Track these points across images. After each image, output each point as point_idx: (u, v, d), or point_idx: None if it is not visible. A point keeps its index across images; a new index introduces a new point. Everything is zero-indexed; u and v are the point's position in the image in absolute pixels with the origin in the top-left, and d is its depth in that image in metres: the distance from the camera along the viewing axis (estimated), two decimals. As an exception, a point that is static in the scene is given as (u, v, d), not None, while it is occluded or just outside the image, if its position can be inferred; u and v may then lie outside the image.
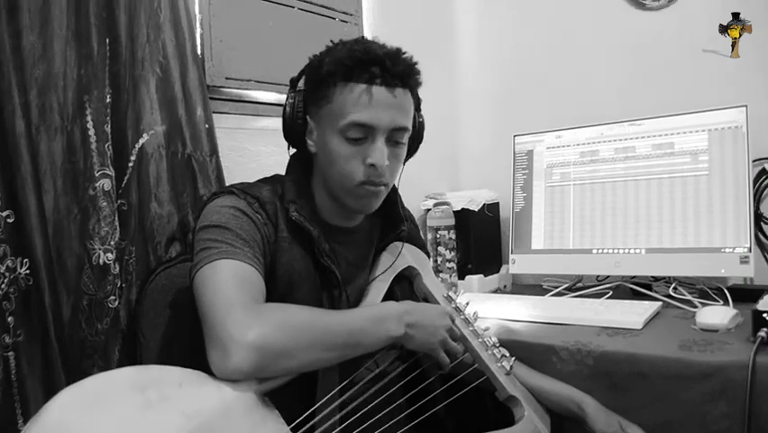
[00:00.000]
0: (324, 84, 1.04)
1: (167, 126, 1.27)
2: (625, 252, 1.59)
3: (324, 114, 1.05)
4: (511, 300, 1.61)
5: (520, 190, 1.79)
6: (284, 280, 1.04)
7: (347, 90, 1.02)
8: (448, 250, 1.82)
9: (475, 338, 1.19)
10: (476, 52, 2.20)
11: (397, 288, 1.20)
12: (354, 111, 1.02)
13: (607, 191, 1.64)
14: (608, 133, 1.66)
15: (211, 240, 0.98)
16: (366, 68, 1.01)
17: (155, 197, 1.26)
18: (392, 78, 1.03)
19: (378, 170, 1.04)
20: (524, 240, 1.76)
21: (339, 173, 1.05)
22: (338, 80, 1.02)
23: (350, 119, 1.02)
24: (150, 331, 1.20)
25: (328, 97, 1.04)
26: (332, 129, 1.04)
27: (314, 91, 1.07)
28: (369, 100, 1.01)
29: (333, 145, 1.04)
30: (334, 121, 1.03)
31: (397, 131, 1.06)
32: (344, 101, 1.02)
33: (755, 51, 1.65)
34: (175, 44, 1.28)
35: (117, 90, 1.19)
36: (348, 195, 1.07)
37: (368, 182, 1.05)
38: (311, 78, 1.08)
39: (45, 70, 1.09)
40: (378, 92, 1.02)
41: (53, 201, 1.11)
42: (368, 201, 1.09)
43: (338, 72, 1.02)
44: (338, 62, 1.02)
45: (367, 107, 1.02)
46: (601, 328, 1.31)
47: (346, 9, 1.76)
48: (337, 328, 0.94)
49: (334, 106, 1.03)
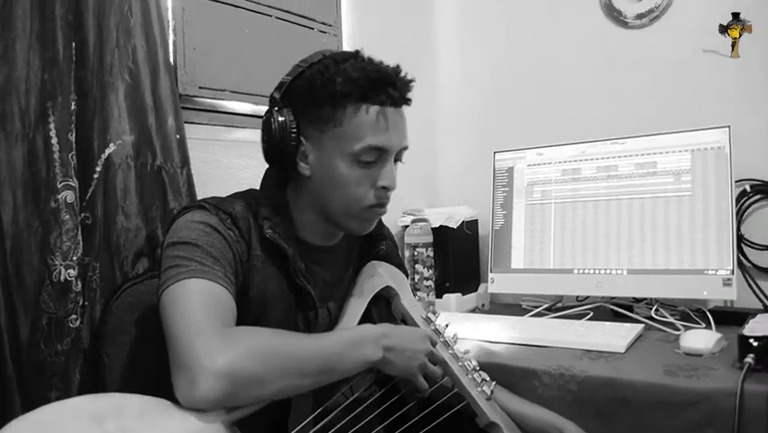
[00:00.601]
0: (331, 104, 0.98)
1: (136, 136, 1.21)
2: (606, 272, 1.56)
3: (330, 137, 1.00)
4: (490, 321, 1.57)
5: (500, 208, 1.76)
6: (257, 301, 0.99)
7: (361, 112, 0.98)
8: (426, 268, 1.78)
9: (455, 362, 1.14)
10: (457, 66, 2.18)
11: (374, 309, 1.16)
12: (370, 134, 0.98)
13: (588, 210, 1.62)
14: (590, 152, 1.64)
15: (179, 257, 0.93)
16: (381, 89, 0.98)
17: (122, 210, 1.20)
18: (401, 98, 1.01)
19: (389, 192, 1.03)
20: (503, 259, 1.73)
21: (347, 198, 1.01)
22: (350, 102, 0.98)
23: (366, 143, 0.98)
24: (114, 351, 1.14)
25: (336, 119, 0.98)
26: (341, 153, 0.99)
27: (315, 111, 1.00)
28: (385, 123, 0.99)
29: (342, 170, 1.00)
30: (346, 144, 0.99)
31: (402, 150, 1.05)
32: (359, 124, 0.98)
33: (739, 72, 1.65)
34: (146, 50, 1.22)
35: (83, 97, 1.13)
36: (352, 218, 1.04)
37: (377, 205, 1.03)
38: (310, 97, 1.00)
39: (6, 74, 1.03)
40: (390, 114, 1.00)
41: (12, 213, 1.04)
42: (369, 224, 1.08)
43: (352, 94, 0.97)
44: (353, 83, 0.97)
45: (383, 131, 0.99)
46: (583, 351, 1.28)
47: (325, 20, 1.72)
48: (312, 353, 0.89)
49: (345, 130, 0.98)
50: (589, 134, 1.66)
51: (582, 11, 1.89)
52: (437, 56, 2.20)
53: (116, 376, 1.12)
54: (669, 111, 1.72)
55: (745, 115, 1.57)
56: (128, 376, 1.12)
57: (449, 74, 2.19)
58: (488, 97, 2.10)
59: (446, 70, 2.19)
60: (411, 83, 1.04)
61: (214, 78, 1.43)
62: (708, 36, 1.68)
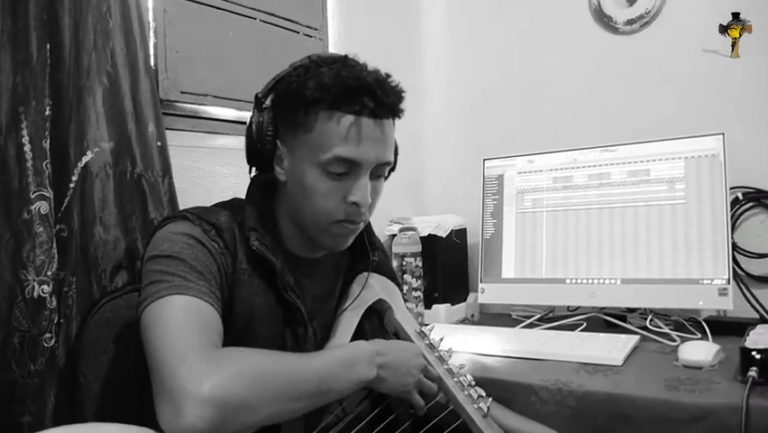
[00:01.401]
0: (304, 110, 0.93)
1: (114, 143, 1.16)
2: (600, 282, 1.53)
3: (301, 142, 0.95)
4: (482, 332, 1.53)
5: (490, 216, 1.73)
6: (243, 317, 0.94)
7: (333, 121, 0.92)
8: (414, 278, 1.74)
9: (450, 377, 1.10)
10: (445, 72, 2.15)
11: (366, 323, 1.11)
12: (340, 145, 0.91)
13: (581, 219, 1.59)
14: (581, 159, 1.61)
15: (161, 272, 0.87)
16: (356, 98, 0.91)
17: (100, 220, 1.14)
18: (381, 108, 0.93)
19: (360, 208, 0.95)
20: (493, 268, 1.69)
21: (314, 209, 0.96)
22: (322, 108, 0.92)
23: (334, 153, 0.92)
24: (91, 371, 1.08)
25: (307, 125, 0.93)
26: (310, 161, 0.94)
27: (289, 115, 0.95)
28: (357, 134, 0.92)
29: (311, 179, 0.94)
30: (314, 152, 0.93)
31: (382, 165, 0.98)
32: (328, 132, 0.92)
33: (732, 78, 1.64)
34: (125, 53, 1.17)
35: (59, 101, 1.07)
36: (321, 232, 0.98)
37: (347, 220, 0.97)
38: (286, 100, 0.96)
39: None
40: (366, 125, 0.92)
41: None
42: (342, 240, 1.01)
43: (323, 100, 0.91)
44: (324, 89, 0.91)
45: (354, 142, 0.92)
46: (580, 365, 1.25)
47: (311, 23, 1.67)
48: (305, 375, 0.84)
49: (315, 136, 0.93)
50: (581, 142, 1.64)
51: (572, 16, 1.87)
52: (425, 60, 2.17)
53: (94, 398, 1.06)
54: (661, 118, 1.70)
55: (738, 123, 1.56)
56: (106, 398, 1.07)
57: (437, 79, 2.15)
58: (477, 103, 2.07)
59: (434, 75, 2.16)
60: (400, 93, 0.97)
61: (196, 82, 1.38)
62: (700, 42, 1.67)
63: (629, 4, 1.77)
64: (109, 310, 1.11)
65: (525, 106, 1.96)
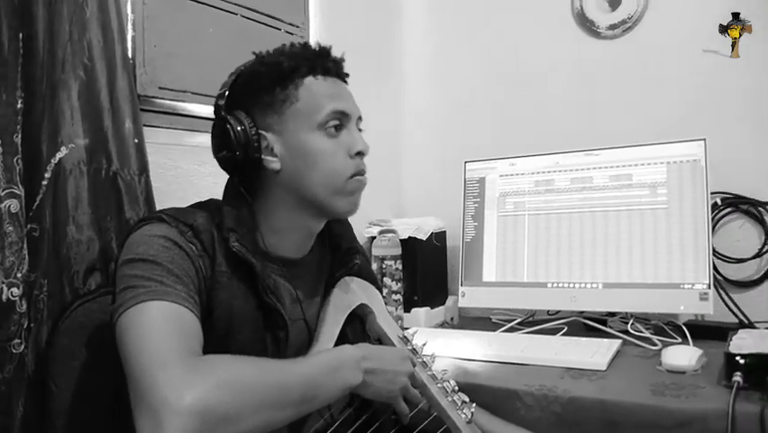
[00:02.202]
0: (281, 86, 0.96)
1: (90, 139, 1.11)
2: (581, 286, 1.53)
3: (290, 116, 0.96)
4: (463, 337, 1.51)
5: (471, 219, 1.71)
6: (222, 321, 0.90)
7: (315, 84, 0.97)
8: (394, 281, 1.72)
9: (433, 383, 1.08)
10: (426, 72, 2.13)
11: (348, 328, 1.09)
12: (329, 101, 0.96)
13: (563, 222, 1.58)
14: (564, 163, 1.61)
15: (137, 277, 0.83)
16: (325, 59, 0.99)
17: (73, 220, 1.09)
18: (340, 70, 1.01)
19: (364, 157, 1.00)
20: (474, 272, 1.68)
21: (326, 173, 0.97)
22: (300, 76, 0.96)
23: (330, 108, 0.96)
24: (63, 378, 1.03)
25: (292, 97, 0.96)
26: (308, 127, 0.96)
27: (266, 98, 0.97)
28: (336, 89, 0.99)
29: (314, 143, 0.96)
30: (310, 118, 0.96)
31: (359, 120, 1.03)
32: (316, 94, 0.96)
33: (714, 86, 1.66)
34: (102, 46, 1.12)
35: (32, 95, 1.02)
36: (337, 195, 0.98)
37: (357, 173, 0.99)
38: (257, 86, 0.97)
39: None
40: (337, 83, 1.00)
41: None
42: (358, 197, 1.03)
43: (300, 67, 0.96)
44: (298, 56, 0.97)
45: (338, 96, 0.98)
46: (564, 369, 1.24)
47: (292, 20, 1.64)
48: (291, 382, 0.81)
49: (304, 103, 0.96)
50: (563, 145, 1.64)
51: (555, 20, 1.87)
52: (406, 60, 2.15)
53: (65, 407, 1.01)
54: (643, 122, 1.71)
55: (718, 128, 1.57)
56: (79, 407, 1.02)
57: (418, 79, 2.14)
58: (458, 105, 2.06)
59: (415, 75, 2.14)
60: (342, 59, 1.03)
61: (175, 78, 1.33)
62: (682, 47, 1.68)
63: (612, 9, 1.77)
64: (81, 314, 1.06)
65: (508, 109, 1.95)
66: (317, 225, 1.04)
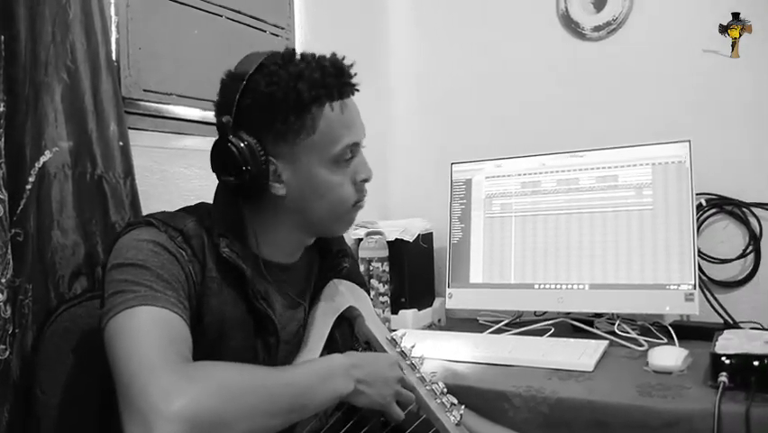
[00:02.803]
0: (297, 114, 0.90)
1: (74, 142, 1.09)
2: (568, 287, 1.54)
3: (304, 148, 0.92)
4: (451, 338, 1.52)
5: (458, 221, 1.72)
6: (213, 328, 0.90)
7: (332, 114, 0.92)
8: (381, 283, 1.71)
9: (422, 386, 1.08)
10: (411, 73, 2.12)
11: (337, 331, 1.09)
12: (346, 133, 0.94)
13: (549, 224, 1.59)
14: (550, 164, 1.61)
15: (126, 281, 0.82)
16: (341, 84, 0.93)
17: (58, 224, 1.07)
18: (354, 87, 0.96)
19: (368, 183, 1.00)
20: (461, 273, 1.68)
21: (332, 203, 0.96)
22: (317, 105, 0.91)
23: (346, 142, 0.94)
24: (49, 384, 1.02)
25: (309, 129, 0.91)
26: (320, 161, 0.93)
27: (279, 126, 0.90)
28: (352, 116, 0.95)
29: (324, 177, 0.94)
30: (325, 150, 0.93)
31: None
32: (333, 126, 0.92)
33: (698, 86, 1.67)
34: (86, 48, 1.11)
35: (14, 98, 1.00)
36: (338, 221, 1.00)
37: (360, 199, 1.00)
38: (273, 111, 0.90)
39: None
40: (351, 105, 0.96)
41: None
42: (353, 222, 1.04)
43: (320, 97, 0.91)
44: (318, 85, 0.90)
45: (353, 123, 0.96)
46: (551, 371, 1.25)
47: (277, 22, 1.62)
48: (282, 390, 0.81)
49: (321, 136, 0.92)
50: (550, 147, 1.64)
51: (540, 21, 1.87)
52: (391, 62, 2.14)
53: (52, 414, 1.00)
54: (628, 124, 1.72)
55: (703, 129, 1.58)
56: (65, 414, 1.01)
57: (404, 81, 2.13)
58: (444, 106, 2.06)
59: (401, 77, 2.13)
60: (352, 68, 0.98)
61: (160, 80, 1.32)
62: (666, 48, 1.69)
63: (597, 11, 1.78)
64: (67, 319, 1.05)
65: (494, 110, 1.95)
66: (311, 239, 1.05)
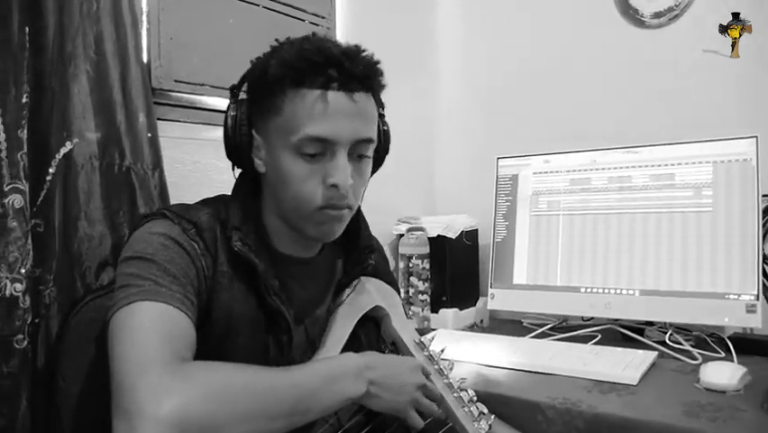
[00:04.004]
0: (270, 92, 0.87)
1: (102, 134, 1.10)
2: (617, 292, 1.44)
3: (273, 127, 0.88)
4: (489, 341, 1.45)
5: (502, 218, 1.64)
6: (221, 324, 0.87)
7: (298, 98, 0.85)
8: (421, 281, 1.66)
9: (450, 392, 1.03)
10: (459, 64, 2.06)
11: (361, 331, 1.04)
12: (308, 123, 0.85)
13: (599, 224, 1.50)
14: (601, 160, 1.52)
15: (132, 275, 0.81)
16: (321, 71, 0.84)
17: (85, 215, 1.08)
18: (351, 80, 0.86)
19: (340, 190, 0.87)
20: (504, 273, 1.61)
21: (294, 196, 0.89)
22: (287, 87, 0.86)
23: (304, 133, 0.85)
24: (71, 373, 1.02)
25: (276, 108, 0.87)
26: (283, 145, 0.87)
27: (259, 101, 0.90)
28: (325, 109, 0.85)
29: (286, 164, 0.87)
30: (286, 136, 0.87)
31: (361, 143, 0.90)
32: (297, 111, 0.85)
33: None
34: (115, 39, 1.11)
35: (40, 90, 1.01)
36: (306, 221, 0.91)
37: (328, 206, 0.89)
38: (256, 86, 0.91)
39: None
40: (335, 99, 0.85)
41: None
42: (329, 228, 0.93)
43: (287, 77, 0.85)
44: (286, 65, 0.85)
45: (323, 118, 0.85)
46: (592, 382, 1.17)
47: (317, 11, 1.59)
48: (282, 391, 0.77)
49: (284, 119, 0.86)
50: (602, 142, 1.55)
51: (595, 9, 1.77)
52: (438, 52, 2.08)
53: (72, 403, 1.01)
54: (689, 118, 1.60)
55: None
56: (85, 403, 1.01)
57: (450, 72, 2.07)
58: (492, 99, 1.98)
59: (447, 68, 2.07)
60: (372, 63, 0.90)
61: (192, 71, 1.30)
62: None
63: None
64: (92, 309, 1.05)
65: (543, 103, 1.86)
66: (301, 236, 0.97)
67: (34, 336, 1.00)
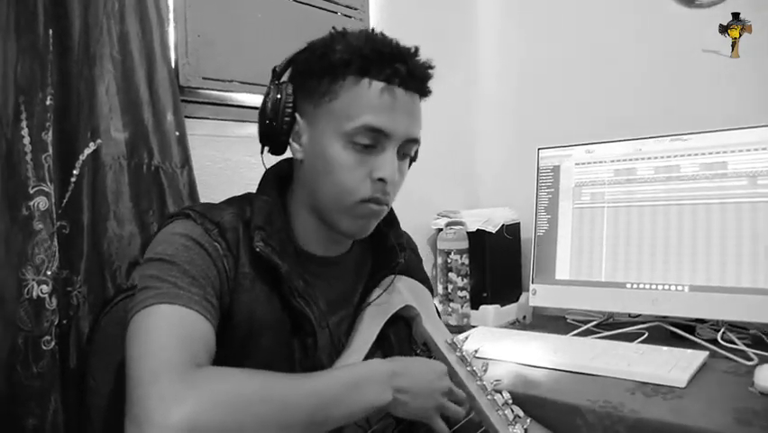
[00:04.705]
0: (331, 75, 0.86)
1: (129, 133, 1.10)
2: (664, 288, 1.37)
3: (324, 112, 0.87)
4: (529, 340, 1.40)
5: (544, 211, 1.58)
6: (243, 327, 0.85)
7: (362, 86, 0.85)
8: (460, 276, 1.62)
9: (483, 395, 0.99)
10: (497, 52, 2.00)
11: (391, 330, 1.01)
12: (369, 113, 0.84)
13: (645, 216, 1.42)
14: (647, 149, 1.44)
15: (152, 277, 0.80)
16: (388, 63, 0.85)
17: (114, 214, 1.09)
18: (413, 79, 0.87)
19: (386, 186, 0.87)
20: (547, 268, 1.55)
21: (337, 186, 0.87)
22: (351, 73, 0.85)
23: (363, 121, 0.84)
24: (101, 372, 1.02)
25: (333, 92, 0.86)
26: (334, 131, 0.86)
27: (312, 84, 0.88)
28: (388, 102, 0.85)
29: (334, 151, 0.86)
30: (340, 122, 0.86)
31: (410, 142, 0.90)
32: (357, 98, 0.85)
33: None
34: (141, 38, 1.10)
35: (66, 90, 1.01)
36: (343, 214, 0.89)
37: (372, 199, 0.88)
38: (309, 68, 0.89)
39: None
40: (398, 94, 0.86)
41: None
42: (365, 223, 0.91)
43: (353, 63, 0.85)
44: (355, 51, 0.85)
45: (386, 110, 0.85)
46: (637, 384, 1.11)
47: (350, 2, 1.55)
48: (298, 399, 0.74)
49: (341, 104, 0.85)
50: (647, 129, 1.47)
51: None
52: (476, 41, 2.03)
53: (101, 403, 1.00)
54: (743, 103, 1.50)
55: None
56: (114, 403, 1.00)
57: (488, 61, 2.01)
58: (532, 87, 1.92)
59: (486, 56, 2.02)
60: (430, 67, 0.90)
61: (220, 67, 1.29)
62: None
63: (709, -28, 1.56)
64: (122, 309, 1.02)
65: (585, 90, 1.79)
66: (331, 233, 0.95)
67: (62, 337, 1.00)
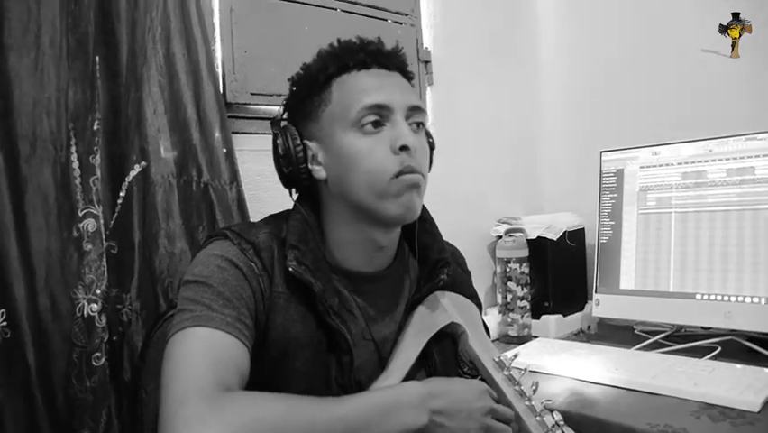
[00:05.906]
0: (317, 88, 0.91)
1: (178, 152, 1.14)
2: (739, 300, 1.27)
3: (326, 120, 0.90)
4: (589, 353, 1.33)
5: (607, 217, 1.51)
6: (277, 346, 0.85)
7: (347, 80, 0.89)
8: (520, 286, 1.57)
9: (531, 416, 0.94)
10: (558, 52, 1.92)
11: (435, 348, 0.98)
12: (363, 96, 0.87)
13: (716, 222, 1.33)
14: (718, 150, 1.34)
15: (188, 299, 0.81)
16: (359, 51, 0.90)
17: (165, 232, 1.12)
18: (388, 58, 0.92)
19: (411, 152, 0.86)
20: (611, 278, 1.48)
21: (365, 173, 0.86)
22: (332, 76, 0.90)
23: (361, 104, 0.86)
24: (153, 386, 1.05)
25: (326, 100, 0.90)
26: (341, 127, 0.88)
27: (306, 107, 0.92)
28: (376, 81, 0.89)
29: (349, 143, 0.87)
30: (343, 116, 0.88)
31: (414, 110, 0.90)
32: (348, 91, 0.89)
33: None
34: (186, 58, 1.13)
35: (114, 114, 1.05)
36: (383, 199, 0.87)
37: (403, 171, 0.86)
38: (298, 95, 0.94)
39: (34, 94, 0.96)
40: (379, 73, 0.90)
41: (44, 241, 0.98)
42: (408, 199, 0.88)
43: (330, 66, 0.90)
44: (327, 57, 0.91)
45: (376, 88, 0.88)
46: (703, 406, 1.03)
47: (400, 8, 1.53)
48: (325, 424, 0.73)
49: (337, 103, 0.89)
50: (718, 129, 1.37)
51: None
52: (536, 40, 1.96)
53: (151, 416, 1.03)
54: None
55: None
56: (161, 416, 1.04)
57: (549, 62, 1.94)
58: (595, 87, 1.84)
59: (546, 57, 1.95)
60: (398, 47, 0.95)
61: (268, 82, 1.30)
62: None
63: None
64: (172, 324, 1.08)
65: (651, 90, 1.70)
66: (383, 237, 0.94)
67: (113, 353, 1.04)
